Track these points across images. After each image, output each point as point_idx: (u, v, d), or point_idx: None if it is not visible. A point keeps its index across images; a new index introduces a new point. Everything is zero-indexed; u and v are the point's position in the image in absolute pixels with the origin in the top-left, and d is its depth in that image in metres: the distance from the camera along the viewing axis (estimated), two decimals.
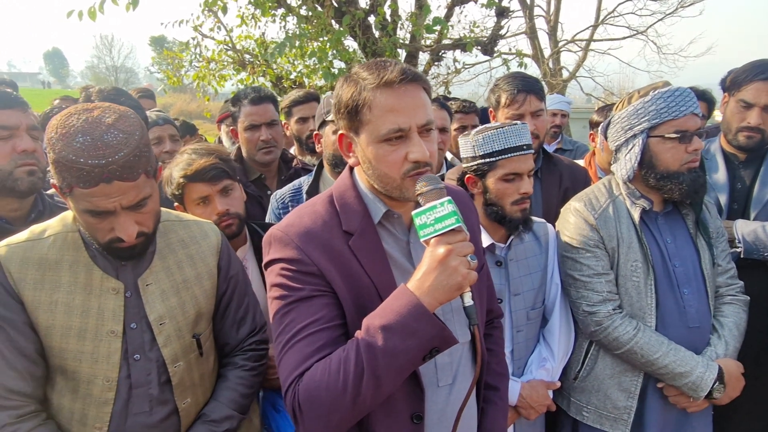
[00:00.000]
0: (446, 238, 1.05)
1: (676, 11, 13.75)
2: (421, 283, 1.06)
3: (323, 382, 1.07)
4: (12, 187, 1.62)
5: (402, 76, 1.14)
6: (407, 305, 1.04)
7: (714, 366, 1.74)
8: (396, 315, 1.04)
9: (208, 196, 1.79)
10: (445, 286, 1.04)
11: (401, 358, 1.04)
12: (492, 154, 1.73)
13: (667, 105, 1.72)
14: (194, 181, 1.77)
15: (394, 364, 1.05)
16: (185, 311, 1.42)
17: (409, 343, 1.03)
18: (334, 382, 1.06)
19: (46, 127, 1.40)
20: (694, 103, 1.73)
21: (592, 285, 1.84)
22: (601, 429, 1.88)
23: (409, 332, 1.03)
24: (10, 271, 1.28)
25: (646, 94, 1.77)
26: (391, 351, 1.04)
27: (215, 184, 1.79)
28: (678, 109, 1.71)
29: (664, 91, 1.74)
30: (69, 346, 1.30)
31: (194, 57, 7.26)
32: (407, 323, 1.03)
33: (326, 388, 1.06)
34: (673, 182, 1.76)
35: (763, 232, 2.07)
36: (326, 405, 1.07)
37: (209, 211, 1.79)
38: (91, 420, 1.33)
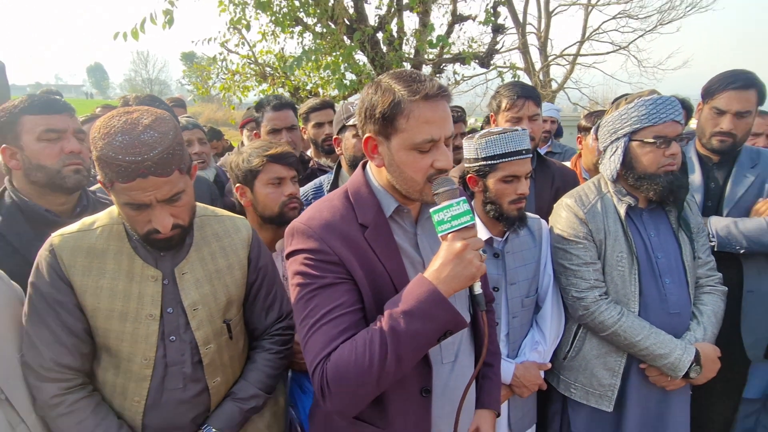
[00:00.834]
0: (462, 234, 1.07)
1: (656, 28, 13.73)
2: (439, 273, 1.07)
3: (351, 361, 1.07)
4: (60, 183, 1.62)
5: (439, 91, 1.14)
6: (426, 293, 1.05)
7: (691, 349, 1.74)
8: (416, 301, 1.06)
9: (284, 178, 1.83)
10: (461, 276, 1.05)
11: (421, 339, 1.06)
12: (494, 157, 1.72)
13: (648, 112, 1.71)
14: (275, 162, 1.81)
15: (414, 345, 1.06)
16: (217, 298, 1.41)
17: (428, 327, 1.05)
18: (361, 362, 1.06)
19: (90, 130, 1.41)
20: (675, 110, 1.71)
21: (580, 273, 1.83)
22: (588, 404, 1.88)
23: (429, 317, 1.05)
24: (62, 258, 1.28)
25: (632, 101, 1.75)
26: (413, 333, 1.05)
27: (290, 170, 1.84)
28: (658, 116, 1.69)
29: (647, 99, 1.72)
30: (112, 326, 1.30)
31: (221, 70, 7.28)
32: (427, 309, 1.04)
33: (354, 366, 1.07)
34: (650, 183, 1.75)
35: (735, 228, 2.05)
36: (354, 381, 1.07)
37: (279, 192, 1.83)
38: (131, 394, 1.34)
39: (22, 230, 1.58)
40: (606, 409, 1.84)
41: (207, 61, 7.92)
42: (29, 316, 1.28)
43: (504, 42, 7.39)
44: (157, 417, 1.35)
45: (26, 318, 1.29)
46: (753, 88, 2.06)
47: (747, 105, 2.06)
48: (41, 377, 1.25)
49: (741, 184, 2.13)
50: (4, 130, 1.60)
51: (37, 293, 1.28)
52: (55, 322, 1.27)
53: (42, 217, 1.60)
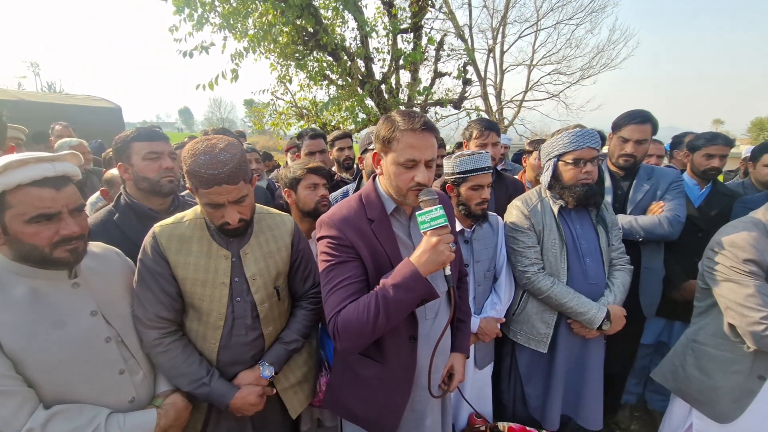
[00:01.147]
0: (437, 231, 1.06)
1: (578, 81, 13.62)
2: (419, 259, 1.06)
3: (354, 316, 1.08)
4: (159, 190, 1.61)
5: (423, 126, 1.13)
6: (409, 272, 1.05)
7: (604, 309, 1.72)
8: (402, 277, 1.06)
9: (318, 184, 1.83)
10: (435, 261, 1.06)
11: (403, 304, 1.07)
12: (465, 172, 1.72)
13: (570, 141, 1.69)
14: (312, 172, 1.82)
15: (398, 307, 1.07)
16: (269, 271, 1.40)
17: (409, 296, 1.06)
18: (361, 317, 1.07)
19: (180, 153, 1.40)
20: (592, 139, 1.69)
21: (525, 253, 1.82)
22: (529, 347, 1.88)
23: (410, 289, 1.05)
24: (161, 241, 1.28)
25: (561, 132, 1.74)
26: (398, 299, 1.05)
27: (322, 179, 1.84)
28: (577, 143, 1.68)
29: (570, 131, 1.71)
30: (196, 291, 1.30)
31: (272, 112, 7.27)
32: (409, 283, 1.05)
33: (356, 320, 1.07)
34: (569, 192, 1.74)
35: (635, 222, 2.04)
36: (355, 330, 1.08)
37: (315, 194, 1.83)
38: (209, 338, 1.33)
39: (132, 223, 1.57)
40: (542, 351, 1.84)
41: (261, 105, 7.91)
42: (138, 283, 1.27)
43: (471, 91, 7.33)
44: (227, 355, 1.35)
45: (135, 284, 1.28)
46: (649, 123, 2.04)
47: (644, 135, 2.04)
48: (146, 326, 1.25)
49: (640, 191, 2.11)
50: (120, 152, 1.59)
51: (143, 266, 1.28)
52: (156, 286, 1.26)
53: (146, 213, 1.59)
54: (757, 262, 1.41)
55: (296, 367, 1.53)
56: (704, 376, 1.57)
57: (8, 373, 0.92)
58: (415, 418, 1.34)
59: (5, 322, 0.93)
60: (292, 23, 4.95)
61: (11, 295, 0.97)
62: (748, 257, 1.41)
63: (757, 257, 1.41)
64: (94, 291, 1.14)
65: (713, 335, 1.57)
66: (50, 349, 0.98)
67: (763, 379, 1.48)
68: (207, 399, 1.29)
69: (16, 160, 0.93)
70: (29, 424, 0.91)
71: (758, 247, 1.42)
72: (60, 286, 1.06)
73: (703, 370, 1.58)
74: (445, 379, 1.37)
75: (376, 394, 1.28)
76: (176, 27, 4.86)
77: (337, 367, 1.42)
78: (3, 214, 0.94)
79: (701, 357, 1.59)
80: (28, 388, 0.95)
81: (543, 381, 1.88)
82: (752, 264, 1.41)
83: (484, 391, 1.94)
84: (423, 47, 6.00)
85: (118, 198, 1.63)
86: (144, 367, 1.23)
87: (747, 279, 1.42)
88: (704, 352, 1.59)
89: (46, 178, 0.97)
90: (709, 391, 1.56)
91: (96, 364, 1.08)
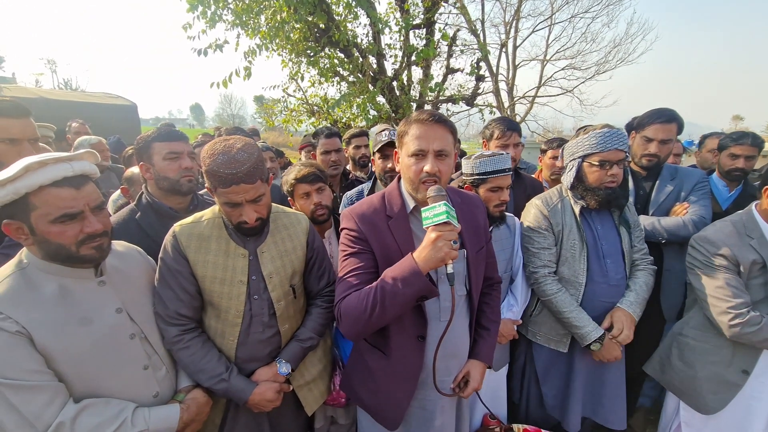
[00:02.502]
0: (439, 228, 1.04)
1: (593, 77, 13.29)
2: (419, 254, 1.06)
3: (353, 303, 1.11)
4: (178, 189, 1.63)
5: (429, 117, 1.16)
6: (409, 266, 1.05)
7: (600, 331, 1.67)
8: (401, 271, 1.06)
9: (309, 192, 1.77)
10: (433, 258, 1.03)
11: (400, 297, 1.06)
12: (484, 173, 1.69)
13: (597, 141, 1.65)
14: (301, 182, 1.76)
15: (395, 300, 1.06)
16: (285, 269, 1.41)
17: (406, 290, 1.05)
18: (359, 305, 1.10)
19: (198, 152, 1.40)
20: (620, 141, 1.63)
21: (538, 255, 1.80)
22: (548, 347, 1.86)
23: (408, 283, 1.04)
24: (181, 240, 1.30)
25: (588, 132, 1.69)
26: (395, 292, 1.05)
27: (313, 185, 1.77)
28: (604, 145, 1.63)
29: (598, 131, 1.65)
30: (214, 288, 1.31)
31: (283, 108, 7.30)
32: (407, 277, 1.04)
33: (354, 307, 1.10)
34: (592, 194, 1.70)
35: (658, 224, 1.99)
36: (353, 317, 1.11)
37: (309, 203, 1.77)
38: (227, 335, 1.35)
39: (153, 222, 1.60)
40: (562, 350, 1.81)
41: (272, 102, 7.96)
42: (159, 281, 1.30)
43: (483, 87, 7.26)
44: (245, 351, 1.37)
45: (157, 282, 1.30)
46: (674, 122, 1.98)
47: (669, 134, 1.99)
48: (167, 322, 1.27)
49: (662, 192, 2.06)
50: (141, 152, 1.62)
51: (164, 264, 1.30)
52: (176, 284, 1.28)
53: (167, 212, 1.62)
54: (727, 257, 1.55)
55: (311, 364, 1.54)
56: (686, 367, 1.69)
57: (40, 368, 0.95)
58: (425, 417, 1.34)
59: (37, 319, 0.96)
60: (305, 20, 4.95)
61: (42, 292, 1.00)
62: (719, 252, 1.56)
63: (727, 252, 1.55)
64: (119, 289, 1.17)
65: (694, 327, 1.70)
66: (79, 344, 1.01)
67: (747, 373, 1.57)
68: (226, 394, 1.31)
69: (36, 161, 0.95)
70: (60, 417, 0.94)
71: (729, 243, 1.56)
72: (87, 283, 1.09)
73: (685, 361, 1.69)
74: (460, 383, 1.36)
75: (381, 385, 1.30)
76: (189, 24, 4.92)
77: (353, 352, 1.45)
78: (29, 216, 0.96)
79: (684, 348, 1.71)
80: (58, 382, 0.98)
81: (561, 380, 1.85)
82: (722, 258, 1.56)
83: (498, 393, 1.93)
84: (436, 43, 5.94)
85: (139, 197, 1.66)
86: (166, 363, 1.26)
87: (717, 272, 1.57)
88: (686, 343, 1.71)
89: (65, 178, 0.99)
90: (689, 380, 1.67)
91: (121, 360, 1.11)
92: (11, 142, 1.44)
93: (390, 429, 1.30)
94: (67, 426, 0.94)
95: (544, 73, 13.79)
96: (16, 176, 0.92)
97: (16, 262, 1.03)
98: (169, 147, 1.61)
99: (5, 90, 5.64)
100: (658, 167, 2.08)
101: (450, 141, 1.18)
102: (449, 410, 1.39)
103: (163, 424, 1.12)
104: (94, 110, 6.48)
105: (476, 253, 1.32)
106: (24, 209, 0.96)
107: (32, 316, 0.95)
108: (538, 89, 13.76)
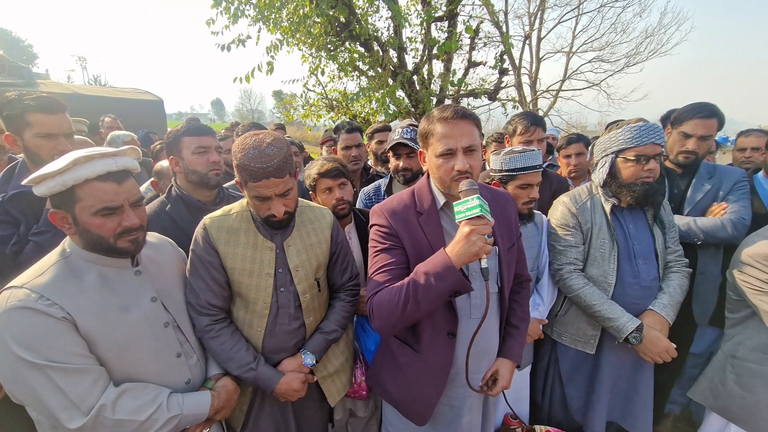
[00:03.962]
0: (472, 222, 1.03)
1: (623, 69, 12.77)
2: (452, 249, 1.05)
3: (386, 298, 1.11)
4: (206, 182, 1.67)
5: (453, 114, 1.14)
6: (442, 261, 1.04)
7: (636, 321, 1.61)
8: (434, 266, 1.05)
9: (331, 188, 1.76)
10: (467, 252, 1.02)
11: (433, 292, 1.05)
12: (514, 169, 1.66)
13: (632, 136, 1.59)
14: (324, 177, 1.75)
15: (428, 295, 1.06)
16: (310, 263, 1.43)
17: (439, 285, 1.04)
18: (392, 299, 1.10)
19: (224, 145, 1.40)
20: (656, 135, 1.57)
21: (564, 252, 1.76)
22: (574, 348, 1.82)
23: (441, 278, 1.04)
24: (211, 233, 1.33)
25: (621, 126, 1.63)
26: (428, 287, 1.05)
27: (336, 180, 1.76)
28: (640, 139, 1.57)
29: (633, 126, 1.60)
30: (243, 280, 1.34)
31: (303, 103, 7.36)
32: (440, 272, 1.04)
33: (387, 302, 1.11)
34: (627, 190, 1.64)
35: (694, 224, 1.90)
36: (386, 313, 1.11)
37: (331, 197, 1.76)
38: (255, 326, 1.38)
39: (182, 214, 1.65)
40: (590, 352, 1.77)
41: (291, 96, 8.04)
42: (190, 271, 1.33)
43: (506, 81, 7.09)
44: (271, 342, 1.40)
45: (188, 272, 1.34)
46: (715, 118, 1.88)
47: (709, 130, 1.89)
48: (198, 312, 1.31)
49: (700, 191, 1.97)
50: (171, 146, 1.67)
51: (195, 256, 1.33)
52: (207, 275, 1.31)
53: (195, 205, 1.66)
54: None
55: (334, 356, 1.57)
56: (746, 393, 1.54)
57: (84, 352, 1.00)
58: (453, 413, 1.34)
59: (81, 305, 1.01)
60: (326, 14, 4.96)
61: (84, 281, 1.05)
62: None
63: None
64: (153, 278, 1.21)
65: (754, 350, 1.54)
66: (118, 331, 1.06)
67: None
68: (254, 383, 1.35)
69: (83, 156, 0.99)
70: (102, 399, 0.99)
71: None
72: (124, 273, 1.14)
73: (745, 387, 1.54)
74: (488, 382, 1.35)
75: (410, 381, 1.30)
76: (213, 20, 5.01)
77: (381, 348, 1.46)
78: (74, 207, 1.01)
79: (742, 373, 1.56)
80: (101, 366, 1.03)
81: (587, 383, 1.82)
82: None
83: (521, 393, 1.91)
84: (458, 36, 5.84)
85: (169, 190, 1.71)
86: (197, 352, 1.30)
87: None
88: (746, 367, 1.55)
89: (109, 173, 1.03)
90: (751, 407, 1.52)
91: (156, 347, 1.15)
92: (48, 137, 1.49)
93: (419, 424, 1.31)
94: (109, 408, 0.99)
95: (569, 65, 13.38)
96: (65, 169, 0.97)
97: (60, 251, 1.08)
98: (198, 141, 1.65)
99: (42, 86, 5.91)
100: (696, 165, 1.99)
101: (476, 134, 1.17)
102: (476, 408, 1.39)
103: (196, 409, 1.16)
104: (123, 105, 6.72)
105: (508, 250, 1.30)
106: (70, 200, 1.00)
107: (76, 302, 1.00)
108: (562, 83, 13.36)
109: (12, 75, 5.64)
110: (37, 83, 5.96)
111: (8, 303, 0.94)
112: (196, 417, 1.17)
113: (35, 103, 1.46)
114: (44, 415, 0.98)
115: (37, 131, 1.47)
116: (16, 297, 0.95)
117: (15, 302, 0.94)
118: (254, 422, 1.45)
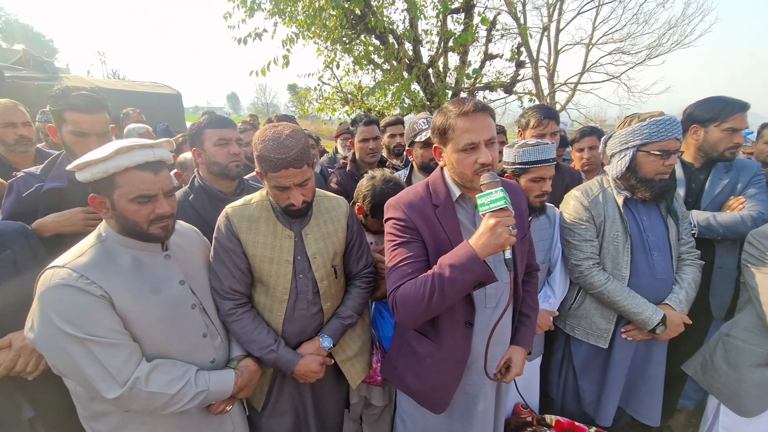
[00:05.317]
0: (496, 214, 1.04)
1: (644, 61, 12.35)
2: (477, 240, 1.06)
3: (410, 293, 1.12)
4: (227, 174, 1.72)
5: (474, 108, 1.14)
6: (467, 253, 1.06)
7: (660, 312, 1.63)
8: (459, 258, 1.07)
9: None
10: (492, 244, 1.04)
11: (459, 284, 1.07)
12: (527, 163, 1.67)
13: (658, 130, 1.57)
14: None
15: (453, 287, 1.07)
16: (327, 250, 1.47)
17: (465, 276, 1.06)
18: (417, 293, 1.11)
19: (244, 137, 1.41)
20: (678, 130, 1.57)
21: (580, 247, 1.76)
22: (587, 342, 1.83)
23: (466, 269, 1.05)
24: (233, 221, 1.38)
25: (644, 119, 1.61)
26: (453, 279, 1.06)
27: None
28: (665, 133, 1.56)
29: (658, 119, 1.58)
30: (263, 267, 1.40)
31: (318, 96, 7.41)
32: (465, 264, 1.05)
33: (412, 296, 1.12)
34: (646, 185, 1.64)
35: (713, 219, 1.88)
36: (411, 306, 1.13)
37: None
38: (275, 310, 1.44)
39: (205, 203, 1.71)
40: (602, 346, 1.79)
41: (305, 90, 8.09)
42: (214, 258, 1.39)
43: (522, 74, 6.97)
44: (291, 326, 1.45)
45: (212, 259, 1.40)
46: (746, 111, 1.88)
47: (746, 123, 1.89)
48: (222, 296, 1.37)
49: (718, 185, 1.94)
50: (194, 138, 1.73)
51: (218, 244, 1.39)
52: (230, 262, 1.37)
53: (217, 195, 1.72)
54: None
55: (351, 341, 1.62)
56: (731, 369, 1.62)
57: (120, 329, 1.08)
58: (468, 401, 1.38)
59: (117, 284, 1.09)
60: (341, 6, 4.97)
61: (119, 263, 1.12)
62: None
63: None
64: (181, 263, 1.28)
65: (745, 329, 1.61)
66: (150, 311, 1.14)
67: None
68: (274, 364, 1.41)
69: (125, 146, 1.06)
70: (137, 373, 1.07)
71: None
72: (155, 257, 1.21)
73: (730, 363, 1.62)
74: (502, 369, 1.39)
75: (428, 371, 1.33)
76: (230, 14, 5.08)
77: (396, 339, 1.49)
78: (113, 193, 1.09)
79: (730, 350, 1.63)
80: (134, 342, 1.11)
81: (600, 376, 1.83)
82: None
83: (531, 383, 1.94)
84: (474, 27, 5.76)
85: (192, 180, 1.78)
86: (221, 333, 1.37)
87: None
88: (733, 345, 1.63)
89: (147, 163, 1.10)
90: (734, 383, 1.60)
91: (185, 327, 1.23)
92: (80, 135, 1.55)
93: (436, 413, 1.35)
94: (143, 381, 1.07)
95: (588, 57, 13.02)
96: (108, 157, 1.04)
97: (96, 235, 1.16)
98: (219, 134, 1.70)
99: (65, 80, 6.10)
100: (715, 159, 1.95)
101: (494, 126, 1.18)
102: (491, 396, 1.43)
103: (221, 386, 1.24)
104: (143, 99, 6.88)
105: (520, 240, 1.33)
106: (109, 186, 1.08)
107: (113, 282, 1.08)
108: (581, 75, 13.02)
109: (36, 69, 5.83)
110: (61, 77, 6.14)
111: (52, 281, 1.02)
112: (221, 393, 1.24)
113: (73, 101, 1.52)
114: (84, 387, 1.06)
115: (72, 129, 1.54)
116: (59, 276, 1.03)
117: (58, 280, 1.02)
118: (274, 402, 1.52)
